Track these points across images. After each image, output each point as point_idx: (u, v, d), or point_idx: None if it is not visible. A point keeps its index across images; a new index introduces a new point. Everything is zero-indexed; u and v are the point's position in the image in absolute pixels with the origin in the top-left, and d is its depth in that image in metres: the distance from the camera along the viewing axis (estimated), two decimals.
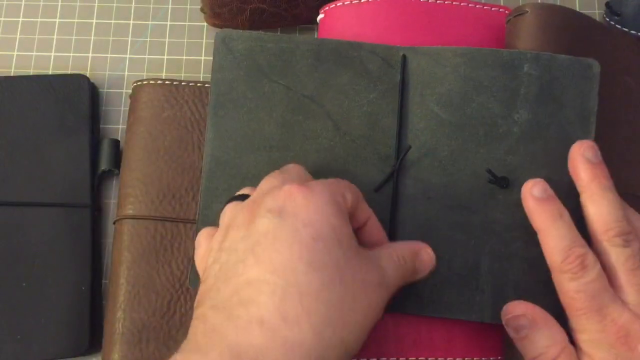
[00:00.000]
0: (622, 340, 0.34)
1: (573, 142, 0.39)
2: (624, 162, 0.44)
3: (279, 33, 0.53)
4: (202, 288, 0.31)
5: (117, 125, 0.51)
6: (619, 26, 0.48)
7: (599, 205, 0.36)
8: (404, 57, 0.42)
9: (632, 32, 0.47)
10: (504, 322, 0.37)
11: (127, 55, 0.52)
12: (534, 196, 0.37)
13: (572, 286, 0.35)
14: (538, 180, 0.38)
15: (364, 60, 0.42)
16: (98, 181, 0.49)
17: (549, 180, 0.38)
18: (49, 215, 0.47)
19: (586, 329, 0.35)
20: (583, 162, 0.37)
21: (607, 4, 0.50)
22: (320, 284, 0.28)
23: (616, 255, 0.35)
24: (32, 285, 0.45)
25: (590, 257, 0.35)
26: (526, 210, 0.38)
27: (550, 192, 0.37)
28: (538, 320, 0.36)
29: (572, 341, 0.36)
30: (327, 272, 0.28)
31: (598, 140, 0.41)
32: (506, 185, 0.39)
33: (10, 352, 0.44)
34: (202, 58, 0.52)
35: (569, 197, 0.38)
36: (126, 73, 0.52)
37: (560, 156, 0.39)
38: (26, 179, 0.47)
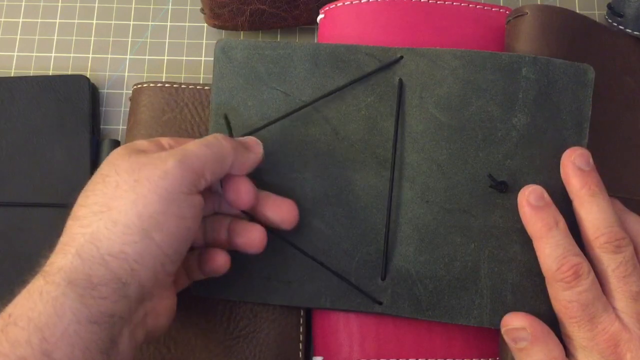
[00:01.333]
0: (612, 349, 0.34)
1: (568, 147, 0.39)
2: (623, 163, 0.44)
3: (278, 35, 0.53)
4: None
5: (117, 126, 0.51)
6: (621, 27, 0.48)
7: (589, 211, 0.36)
8: (401, 57, 0.41)
9: (635, 32, 0.47)
10: (502, 332, 0.38)
11: (127, 56, 0.52)
12: (530, 203, 0.37)
13: (565, 295, 0.35)
14: (535, 187, 0.38)
15: (360, 63, 0.42)
16: None
17: (546, 185, 0.38)
18: (49, 216, 0.47)
19: (577, 337, 0.35)
20: (574, 170, 0.38)
21: (609, 5, 0.49)
22: (84, 197, 0.34)
23: (607, 262, 0.35)
24: None
25: (584, 267, 0.35)
26: (522, 217, 0.38)
27: (547, 199, 0.37)
28: (537, 335, 0.36)
29: (564, 346, 0.36)
30: (90, 184, 0.34)
31: (597, 141, 0.41)
32: (505, 189, 0.39)
33: None
34: (202, 59, 0.52)
35: (567, 202, 0.38)
36: (126, 74, 0.52)
37: (557, 161, 0.39)
38: (26, 179, 0.47)
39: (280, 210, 0.39)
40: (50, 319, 0.29)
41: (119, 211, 0.32)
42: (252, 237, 0.38)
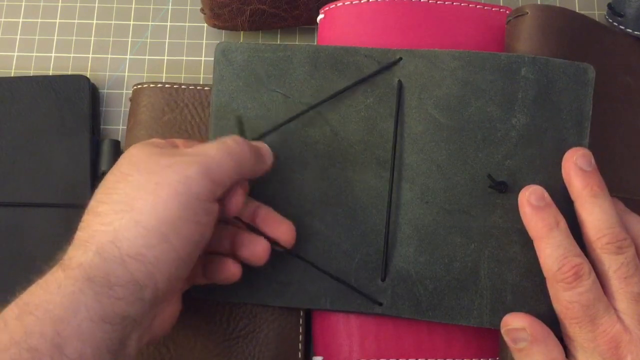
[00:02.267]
0: (613, 351, 0.34)
1: (569, 146, 0.39)
2: (622, 163, 0.44)
3: (278, 35, 0.53)
4: None
5: (117, 126, 0.51)
6: (621, 27, 0.48)
7: (591, 212, 0.36)
8: (400, 59, 0.41)
9: (636, 32, 0.47)
10: (502, 333, 0.38)
11: (127, 56, 0.52)
12: (531, 203, 0.37)
13: (566, 296, 0.35)
14: (535, 187, 0.38)
15: (360, 65, 0.42)
16: (98, 182, 0.49)
17: (546, 185, 0.38)
18: (49, 216, 0.47)
19: (578, 338, 0.35)
20: (575, 170, 0.37)
21: (609, 5, 0.49)
22: (105, 194, 0.34)
23: (609, 263, 0.35)
24: None
25: (585, 267, 0.35)
26: (522, 217, 0.37)
27: (548, 199, 0.37)
28: (537, 335, 0.36)
29: (565, 346, 0.36)
30: (111, 181, 0.34)
31: (597, 141, 0.41)
32: (505, 189, 0.39)
33: None
34: (202, 59, 0.52)
35: (567, 202, 0.38)
36: (126, 74, 0.52)
37: (557, 160, 0.39)
38: (26, 179, 0.47)
39: (279, 231, 0.40)
40: (66, 313, 0.29)
41: (140, 212, 0.32)
42: (256, 250, 0.39)
